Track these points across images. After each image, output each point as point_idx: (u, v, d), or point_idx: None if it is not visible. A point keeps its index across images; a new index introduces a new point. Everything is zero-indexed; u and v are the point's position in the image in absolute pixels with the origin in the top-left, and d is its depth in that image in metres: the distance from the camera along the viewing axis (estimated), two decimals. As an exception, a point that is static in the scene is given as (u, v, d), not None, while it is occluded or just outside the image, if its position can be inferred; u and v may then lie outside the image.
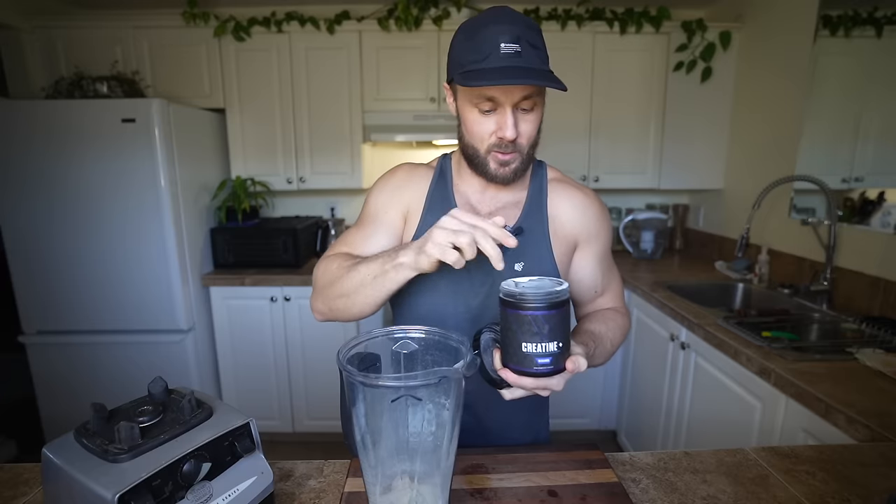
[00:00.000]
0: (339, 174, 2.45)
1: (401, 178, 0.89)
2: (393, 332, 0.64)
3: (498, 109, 0.73)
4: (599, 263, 0.89)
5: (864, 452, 0.80)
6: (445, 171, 0.90)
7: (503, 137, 0.74)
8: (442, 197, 0.86)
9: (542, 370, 0.59)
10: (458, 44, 0.73)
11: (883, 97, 1.60)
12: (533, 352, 0.58)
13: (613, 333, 0.83)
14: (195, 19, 2.25)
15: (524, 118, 0.74)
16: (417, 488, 0.57)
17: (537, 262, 0.82)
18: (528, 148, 0.78)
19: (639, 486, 0.71)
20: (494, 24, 0.69)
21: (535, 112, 0.75)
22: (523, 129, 0.75)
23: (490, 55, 0.68)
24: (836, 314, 1.58)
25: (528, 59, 0.68)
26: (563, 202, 0.86)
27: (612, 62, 2.35)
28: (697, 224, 2.73)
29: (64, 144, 1.93)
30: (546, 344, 0.58)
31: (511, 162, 0.77)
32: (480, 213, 0.84)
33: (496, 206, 0.85)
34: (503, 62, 0.67)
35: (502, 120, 0.73)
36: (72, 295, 2.05)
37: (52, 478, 0.55)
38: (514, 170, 0.78)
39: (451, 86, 0.79)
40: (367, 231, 0.87)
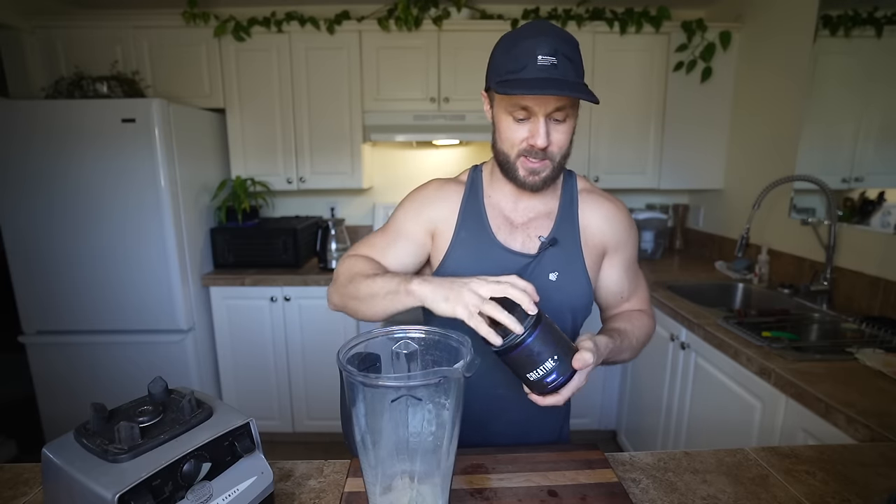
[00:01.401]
0: (339, 174, 2.45)
1: (430, 194, 0.91)
2: (393, 332, 0.64)
3: (531, 118, 0.75)
4: (626, 271, 0.91)
5: (864, 452, 0.80)
6: (476, 183, 0.91)
7: (534, 145, 0.76)
8: (474, 211, 0.87)
9: (554, 385, 0.66)
10: (497, 54, 0.76)
11: (883, 97, 1.60)
12: (538, 377, 0.65)
13: (639, 331, 0.87)
14: (195, 19, 2.25)
15: (556, 128, 0.77)
16: (417, 488, 0.57)
17: (570, 270, 0.84)
18: (559, 157, 0.80)
19: (639, 486, 0.71)
20: (533, 37, 0.71)
21: (567, 123, 0.78)
22: (555, 138, 0.77)
23: (527, 66, 0.70)
24: (836, 314, 1.58)
25: (564, 72, 0.71)
26: (594, 212, 0.88)
27: (612, 62, 2.35)
28: (697, 224, 2.73)
29: (64, 144, 1.93)
30: (543, 365, 0.64)
31: (541, 170, 0.79)
32: (514, 223, 0.87)
33: (529, 216, 0.87)
34: (539, 73, 0.70)
35: (535, 128, 0.75)
36: (72, 295, 2.05)
37: (52, 478, 0.55)
38: (543, 178, 0.80)
39: (489, 93, 0.81)
40: (389, 239, 0.89)
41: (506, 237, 0.85)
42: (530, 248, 0.85)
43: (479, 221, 0.86)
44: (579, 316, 0.88)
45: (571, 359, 0.66)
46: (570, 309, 0.85)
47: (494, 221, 0.87)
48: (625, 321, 0.88)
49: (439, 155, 2.75)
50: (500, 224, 0.87)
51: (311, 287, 2.21)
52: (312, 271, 2.29)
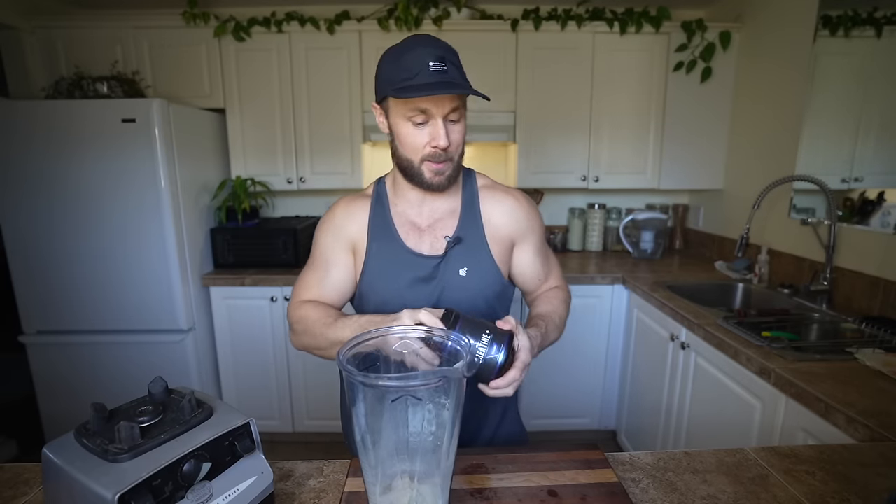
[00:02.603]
0: (339, 174, 2.45)
1: (339, 215, 0.95)
2: (393, 332, 0.64)
3: (430, 122, 0.80)
4: (538, 255, 0.97)
5: (864, 452, 0.80)
6: (382, 195, 0.96)
7: (437, 146, 0.81)
8: (382, 222, 0.93)
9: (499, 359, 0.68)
10: (386, 66, 0.80)
11: (882, 97, 1.60)
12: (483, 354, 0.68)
13: (559, 308, 0.94)
14: (195, 19, 2.25)
15: (453, 129, 0.82)
16: (417, 488, 0.57)
17: (478, 264, 0.90)
18: (457, 156, 0.85)
19: (639, 485, 0.71)
20: (421, 47, 0.77)
21: (461, 123, 0.84)
22: (453, 138, 0.82)
23: (420, 73, 0.75)
24: (835, 314, 1.58)
25: (453, 76, 0.77)
26: (494, 208, 0.93)
27: (612, 62, 2.35)
28: (697, 224, 2.73)
29: (64, 144, 1.93)
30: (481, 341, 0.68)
31: (444, 171, 0.84)
32: (420, 227, 0.92)
33: (434, 218, 0.92)
34: (433, 78, 0.75)
35: (435, 130, 0.80)
36: (72, 295, 2.05)
37: (52, 478, 0.55)
38: (447, 177, 0.85)
39: (382, 105, 0.85)
40: (320, 273, 0.95)
41: (415, 242, 0.91)
42: (438, 248, 0.90)
43: (387, 231, 0.92)
44: (496, 304, 0.93)
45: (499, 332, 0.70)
46: (483, 299, 0.91)
47: (402, 229, 0.92)
48: (544, 304, 0.95)
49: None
50: (407, 230, 0.92)
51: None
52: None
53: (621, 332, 2.25)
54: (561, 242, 2.77)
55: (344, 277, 0.94)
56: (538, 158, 2.44)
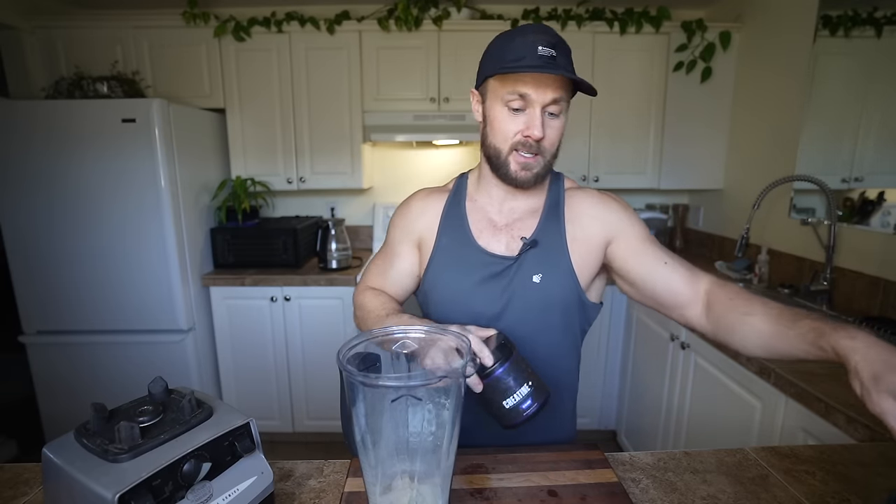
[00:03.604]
0: (339, 174, 2.45)
1: (413, 209, 0.93)
2: (393, 332, 0.64)
3: (527, 109, 0.76)
4: (649, 242, 0.83)
5: (864, 452, 0.80)
6: (461, 189, 0.92)
7: (530, 136, 0.76)
8: (456, 217, 0.89)
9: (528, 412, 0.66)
10: (494, 49, 0.77)
11: (883, 97, 1.60)
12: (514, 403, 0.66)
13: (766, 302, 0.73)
14: (195, 19, 2.25)
15: (550, 123, 0.77)
16: (417, 488, 0.57)
17: (555, 270, 0.82)
18: (549, 154, 0.80)
19: (639, 485, 0.71)
20: (533, 33, 0.74)
21: (560, 119, 0.78)
22: (548, 132, 0.77)
23: (527, 56, 0.72)
24: (836, 314, 1.58)
25: (564, 63, 0.73)
26: (581, 204, 0.86)
27: (612, 62, 2.35)
28: (697, 224, 2.73)
29: (64, 144, 1.93)
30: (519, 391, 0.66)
31: (534, 166, 0.79)
32: (497, 225, 0.87)
33: (513, 217, 0.87)
34: (540, 61, 0.71)
35: (531, 119, 0.75)
36: (72, 295, 2.05)
37: (52, 478, 0.55)
38: (535, 174, 0.80)
39: (480, 90, 0.82)
40: (386, 264, 0.94)
41: (488, 240, 0.86)
42: (513, 249, 0.84)
43: (460, 226, 0.87)
44: (572, 317, 0.86)
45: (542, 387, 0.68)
46: (558, 309, 0.83)
47: (476, 225, 0.87)
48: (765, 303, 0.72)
49: (439, 155, 2.75)
50: (482, 227, 0.87)
51: (312, 287, 2.22)
52: (312, 271, 2.29)
53: (621, 333, 2.25)
54: (561, 242, 2.77)
55: (407, 271, 0.92)
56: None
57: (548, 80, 0.74)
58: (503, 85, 0.75)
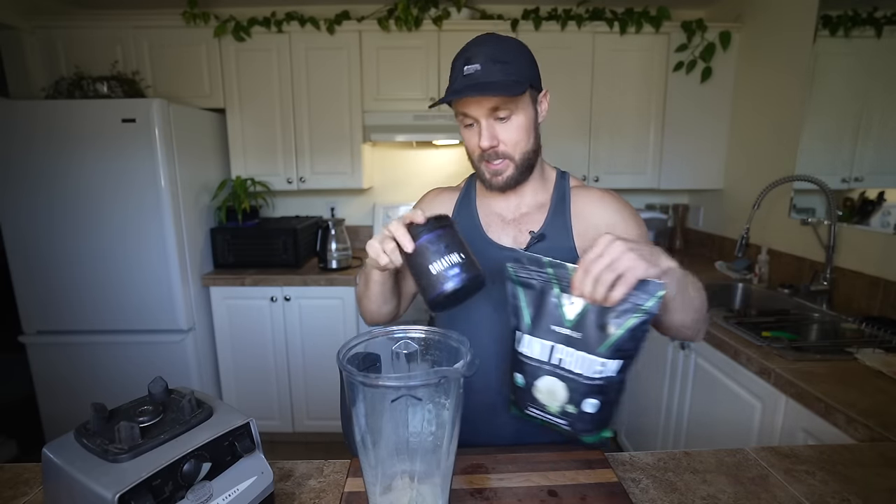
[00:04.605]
0: (339, 174, 2.45)
1: (426, 202, 0.98)
2: (393, 332, 0.64)
3: (477, 123, 0.80)
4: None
5: (864, 452, 0.80)
6: (470, 188, 0.96)
7: (482, 147, 0.79)
8: (467, 212, 0.92)
9: (453, 279, 0.63)
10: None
11: (883, 97, 1.60)
12: (440, 269, 0.64)
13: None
14: (195, 19, 2.25)
15: (502, 127, 0.79)
16: (417, 488, 0.57)
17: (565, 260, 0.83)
18: (517, 154, 0.81)
19: (639, 486, 0.71)
20: (464, 50, 0.78)
21: (513, 120, 0.79)
22: (503, 136, 0.79)
23: (457, 79, 0.77)
24: (835, 314, 1.58)
25: (488, 74, 0.74)
26: (586, 200, 0.89)
27: (612, 62, 2.35)
28: (697, 224, 2.72)
29: (64, 144, 1.93)
30: (448, 257, 0.64)
31: (502, 170, 0.82)
32: (506, 219, 0.90)
33: (520, 212, 0.90)
34: (462, 83, 0.76)
35: (479, 132, 0.79)
36: (72, 295, 2.05)
37: (52, 478, 0.55)
38: (506, 178, 0.82)
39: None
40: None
41: (497, 233, 0.89)
42: (522, 243, 0.87)
43: (470, 220, 0.91)
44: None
45: (473, 265, 0.66)
46: None
47: (486, 219, 0.91)
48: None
49: (439, 155, 2.75)
50: (491, 221, 0.90)
51: (311, 287, 2.21)
52: (312, 271, 2.29)
53: (621, 332, 2.25)
54: (561, 242, 2.77)
55: None
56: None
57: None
58: (455, 108, 0.81)
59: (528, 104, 0.80)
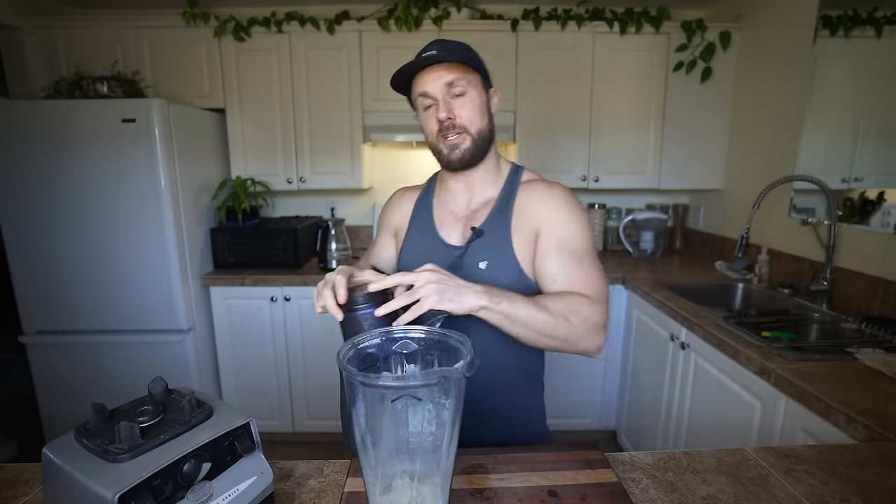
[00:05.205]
0: (339, 174, 2.45)
1: (391, 203, 1.06)
2: (393, 332, 0.64)
3: (435, 104, 0.86)
4: (559, 252, 0.86)
5: (864, 452, 0.80)
6: (431, 186, 1.02)
7: (440, 119, 0.85)
8: (424, 210, 0.99)
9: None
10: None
11: (883, 97, 1.60)
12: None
13: (557, 303, 0.79)
14: (195, 19, 2.25)
15: (458, 102, 0.85)
16: (417, 488, 0.57)
17: (498, 259, 0.88)
18: (473, 129, 0.86)
19: (639, 485, 0.71)
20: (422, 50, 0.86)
21: (467, 97, 0.85)
22: (459, 112, 0.85)
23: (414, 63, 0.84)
24: (835, 314, 1.58)
25: (443, 54, 0.82)
26: (529, 196, 0.91)
27: (612, 62, 2.35)
28: (697, 224, 2.72)
29: (64, 144, 1.93)
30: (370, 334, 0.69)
31: (459, 143, 0.87)
32: (458, 216, 0.95)
33: (471, 209, 0.94)
34: (420, 59, 0.83)
35: (438, 107, 0.86)
36: (72, 295, 2.05)
37: (52, 478, 0.55)
38: (463, 151, 0.87)
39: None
40: (371, 254, 1.06)
41: (448, 231, 0.94)
42: (466, 239, 0.91)
43: (426, 219, 0.97)
44: None
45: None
46: None
47: (440, 217, 0.96)
48: (546, 296, 0.82)
49: (439, 155, 2.75)
50: (444, 219, 0.95)
51: (312, 287, 2.20)
52: (312, 271, 2.29)
53: (621, 333, 2.25)
54: (561, 242, 2.77)
55: (387, 260, 1.03)
56: (538, 158, 2.44)
57: (439, 70, 0.84)
58: (415, 92, 0.88)
59: (481, 88, 0.87)
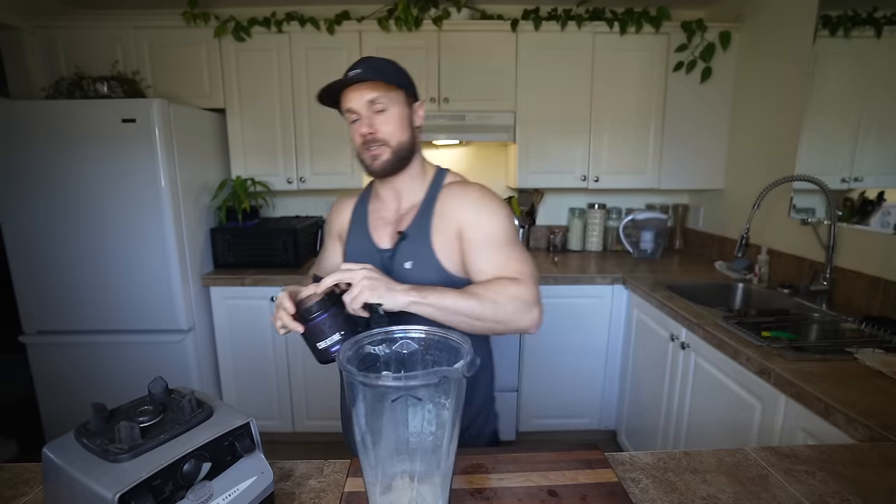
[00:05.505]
0: (339, 174, 2.45)
1: (334, 209, 1.13)
2: (393, 332, 0.64)
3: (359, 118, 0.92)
4: (481, 247, 0.92)
5: (864, 452, 0.80)
6: (368, 191, 1.08)
7: (362, 133, 0.91)
8: (361, 216, 1.05)
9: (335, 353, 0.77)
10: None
11: (882, 97, 1.60)
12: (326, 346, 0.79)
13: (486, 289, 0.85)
14: (195, 19, 2.25)
15: (379, 118, 0.91)
16: (417, 488, 0.57)
17: (421, 259, 0.94)
18: (393, 142, 0.92)
19: (639, 485, 0.71)
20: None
21: (388, 113, 0.91)
22: (380, 127, 0.90)
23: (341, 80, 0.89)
24: (835, 314, 1.58)
25: (365, 74, 0.87)
26: (447, 199, 0.96)
27: (612, 62, 2.35)
28: (697, 224, 2.73)
29: (64, 144, 1.93)
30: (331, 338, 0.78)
31: (379, 155, 0.92)
32: (389, 221, 1.00)
33: (400, 213, 1.00)
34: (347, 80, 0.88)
35: (360, 122, 0.92)
36: (72, 295, 2.05)
37: (52, 477, 0.55)
38: (383, 161, 0.93)
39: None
40: (321, 259, 1.15)
41: (380, 235, 1.00)
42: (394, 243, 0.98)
43: (362, 224, 1.03)
44: None
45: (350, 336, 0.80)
46: None
47: (373, 222, 1.02)
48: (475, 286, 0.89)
49: (439, 155, 2.75)
50: (377, 224, 1.01)
51: (311, 287, 2.21)
52: (312, 271, 2.29)
53: (621, 332, 2.25)
54: (561, 242, 2.77)
55: (336, 263, 1.09)
56: (538, 158, 2.44)
57: (363, 89, 0.89)
58: (342, 107, 0.94)
59: (403, 103, 0.92)
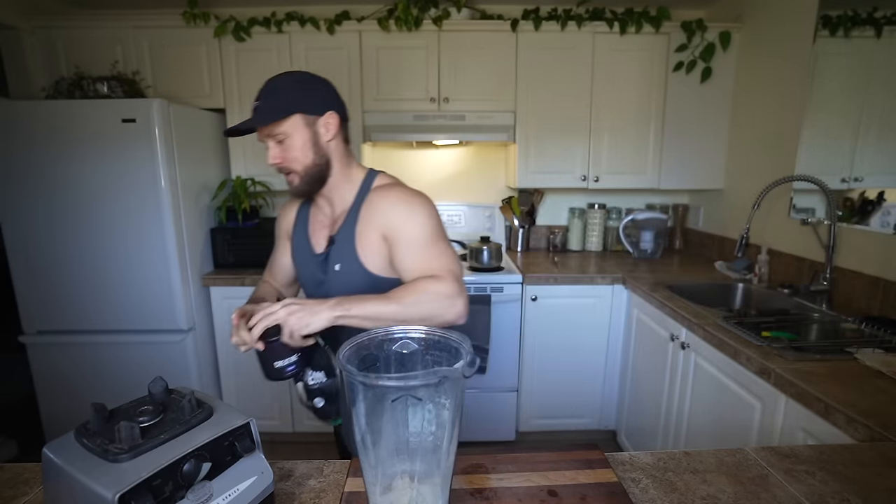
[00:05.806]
0: (339, 174, 2.44)
1: (282, 211, 1.17)
2: (393, 332, 0.64)
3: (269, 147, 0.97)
4: (405, 248, 0.96)
5: (864, 452, 0.80)
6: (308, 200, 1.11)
7: (271, 163, 0.96)
8: (303, 220, 1.09)
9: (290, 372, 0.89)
10: None
11: (882, 97, 1.60)
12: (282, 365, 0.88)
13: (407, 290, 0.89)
14: (195, 19, 2.25)
15: (282, 147, 0.95)
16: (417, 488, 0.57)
17: (347, 261, 0.99)
18: (300, 167, 0.96)
19: (639, 485, 0.71)
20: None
21: (288, 142, 0.94)
22: (284, 155, 0.95)
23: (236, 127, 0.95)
24: (835, 314, 1.58)
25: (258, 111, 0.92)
26: (370, 204, 1.00)
27: (612, 62, 2.35)
28: (697, 224, 2.73)
29: (64, 145, 1.93)
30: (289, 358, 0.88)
31: (292, 181, 0.98)
32: (325, 226, 1.05)
33: (334, 218, 1.04)
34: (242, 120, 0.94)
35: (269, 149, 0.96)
36: (72, 294, 2.05)
37: (52, 477, 0.55)
38: (296, 186, 0.98)
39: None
40: (273, 259, 1.19)
41: (318, 240, 1.05)
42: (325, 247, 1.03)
43: (303, 229, 1.08)
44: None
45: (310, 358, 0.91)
46: (356, 292, 0.94)
47: (313, 226, 1.07)
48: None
49: (439, 155, 2.75)
50: (316, 227, 1.06)
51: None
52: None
53: (621, 332, 2.25)
54: (561, 242, 2.77)
55: (286, 263, 1.15)
56: (538, 158, 2.44)
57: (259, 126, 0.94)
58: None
59: (302, 128, 0.94)
